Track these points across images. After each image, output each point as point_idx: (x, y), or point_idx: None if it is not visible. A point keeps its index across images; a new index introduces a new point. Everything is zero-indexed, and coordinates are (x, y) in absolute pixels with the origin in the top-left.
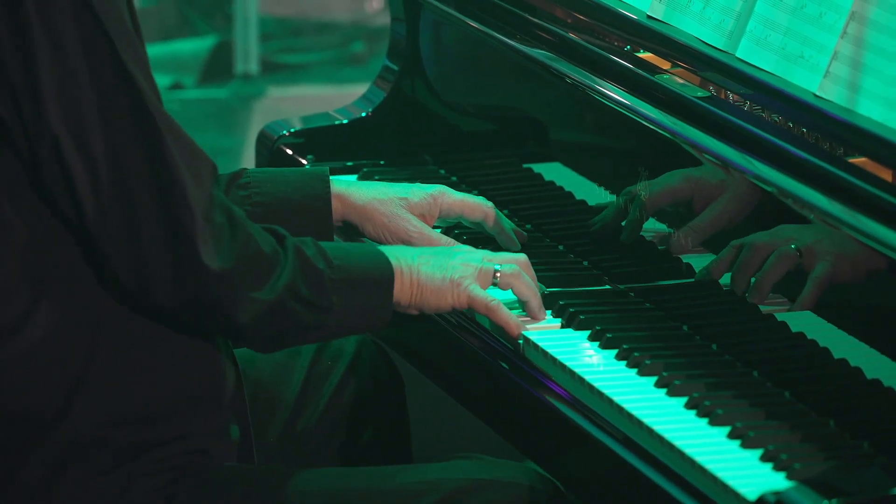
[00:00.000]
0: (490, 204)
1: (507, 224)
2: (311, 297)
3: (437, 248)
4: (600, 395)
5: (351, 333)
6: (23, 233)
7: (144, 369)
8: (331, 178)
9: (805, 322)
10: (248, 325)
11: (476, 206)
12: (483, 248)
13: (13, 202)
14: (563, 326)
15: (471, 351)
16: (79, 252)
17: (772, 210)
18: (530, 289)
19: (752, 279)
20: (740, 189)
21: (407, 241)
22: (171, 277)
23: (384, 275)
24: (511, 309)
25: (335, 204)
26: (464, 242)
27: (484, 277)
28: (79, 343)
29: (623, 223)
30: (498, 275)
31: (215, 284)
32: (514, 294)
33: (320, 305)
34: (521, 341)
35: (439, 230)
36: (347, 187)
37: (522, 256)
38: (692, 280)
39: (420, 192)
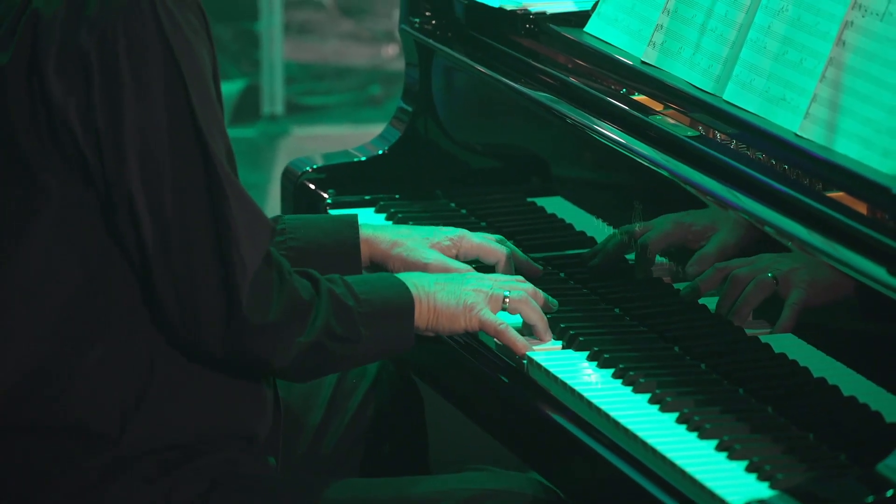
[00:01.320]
0: (505, 250)
1: (523, 257)
2: (343, 332)
3: (451, 275)
4: (598, 410)
5: (379, 359)
6: (76, 275)
7: (193, 402)
8: (364, 226)
9: (786, 343)
10: (286, 367)
11: (492, 250)
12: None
13: (73, 244)
14: (563, 348)
15: (480, 371)
16: (138, 295)
17: (755, 240)
18: (536, 313)
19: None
20: (728, 221)
21: (423, 269)
22: (221, 330)
23: (405, 304)
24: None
25: (363, 247)
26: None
27: (494, 302)
28: (134, 373)
29: (624, 255)
30: (507, 300)
31: (259, 337)
32: (522, 318)
33: (351, 338)
34: (524, 361)
35: None
36: (374, 231)
37: (529, 284)
38: (683, 304)
39: (442, 234)
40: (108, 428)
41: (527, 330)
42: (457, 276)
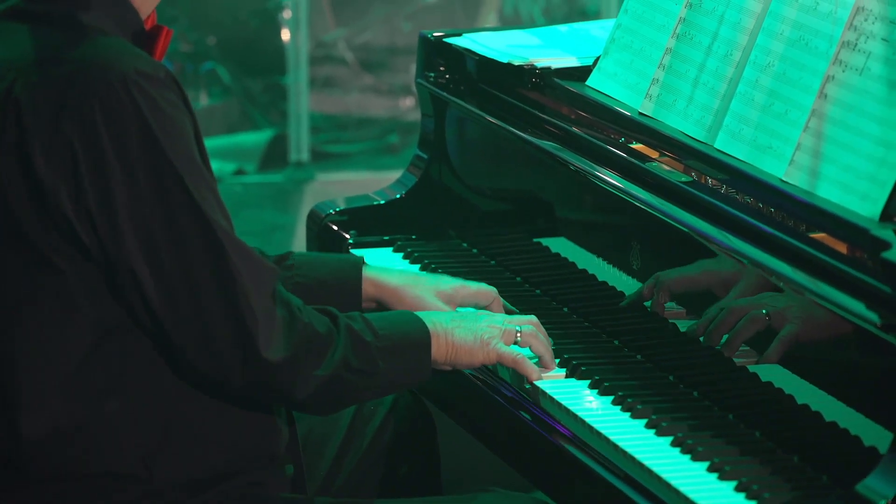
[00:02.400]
0: (494, 290)
1: (507, 306)
2: (360, 366)
3: (466, 314)
4: (599, 434)
5: (397, 391)
6: (90, 336)
7: (213, 435)
8: (368, 264)
9: (773, 373)
10: (306, 400)
11: (486, 293)
12: None
13: (85, 310)
14: (567, 376)
15: (489, 398)
16: (151, 348)
17: (754, 283)
18: (543, 345)
19: (726, 336)
20: (722, 262)
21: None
22: (240, 370)
23: (422, 339)
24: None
25: (369, 287)
26: None
27: (507, 336)
28: (154, 419)
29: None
30: (519, 335)
31: (276, 371)
32: (531, 350)
33: (369, 372)
34: (528, 387)
35: None
36: (384, 275)
37: (534, 318)
38: (678, 337)
39: (444, 284)
40: (134, 470)
41: (533, 360)
42: (470, 315)
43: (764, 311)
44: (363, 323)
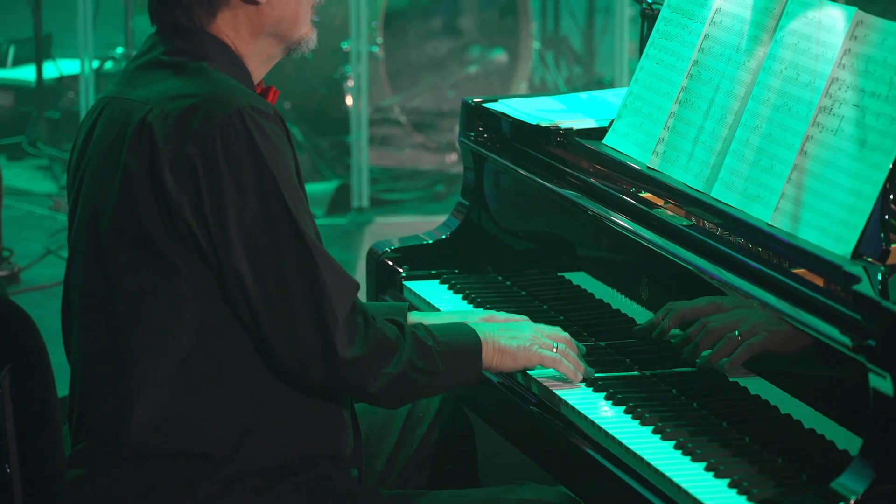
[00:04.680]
0: (521, 317)
1: None
2: (424, 366)
3: (510, 324)
4: (612, 438)
5: (453, 390)
6: (197, 331)
7: (291, 433)
8: (412, 311)
9: (760, 386)
10: (378, 393)
11: (515, 321)
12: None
13: (194, 308)
14: (586, 388)
15: (520, 406)
16: (247, 344)
17: (737, 306)
18: (574, 360)
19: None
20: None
21: None
22: (322, 366)
23: (474, 345)
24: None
25: None
26: None
27: (545, 346)
28: (245, 408)
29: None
30: (556, 349)
31: (352, 368)
32: (565, 359)
33: (431, 371)
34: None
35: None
36: (422, 316)
37: (566, 334)
38: (680, 358)
39: (476, 316)
40: (224, 451)
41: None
42: (514, 325)
43: (737, 333)
44: (425, 331)
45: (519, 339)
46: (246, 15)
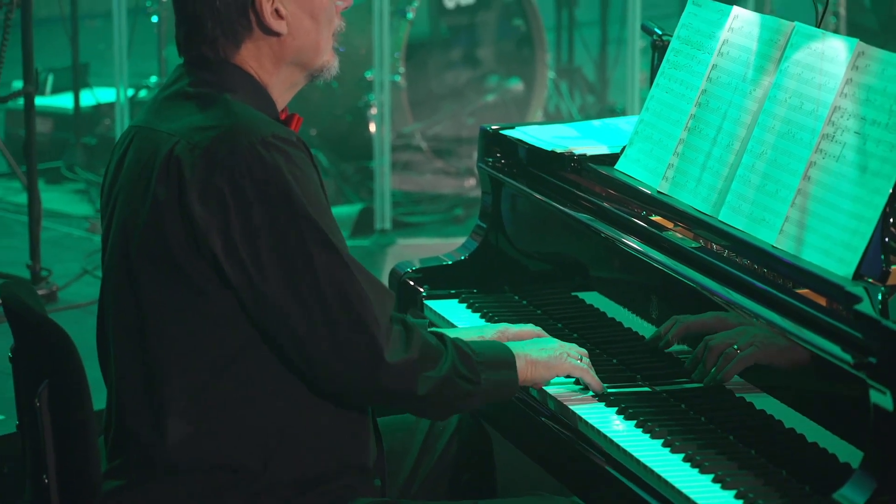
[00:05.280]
0: (533, 327)
1: None
2: (467, 373)
3: (533, 339)
4: (624, 451)
5: (492, 402)
6: (228, 350)
7: (317, 445)
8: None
9: (765, 402)
10: (425, 396)
11: (528, 332)
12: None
13: (223, 328)
14: (598, 403)
15: (536, 420)
16: (276, 362)
17: (743, 324)
18: (593, 378)
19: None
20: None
21: None
22: (372, 372)
23: (509, 360)
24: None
25: None
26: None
27: (573, 355)
28: (274, 424)
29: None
30: (582, 360)
31: (400, 372)
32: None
33: (473, 380)
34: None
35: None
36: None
37: (583, 350)
38: (689, 375)
39: (491, 330)
40: (253, 465)
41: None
42: (539, 339)
43: (735, 347)
44: (463, 342)
45: (548, 349)
46: (268, 46)
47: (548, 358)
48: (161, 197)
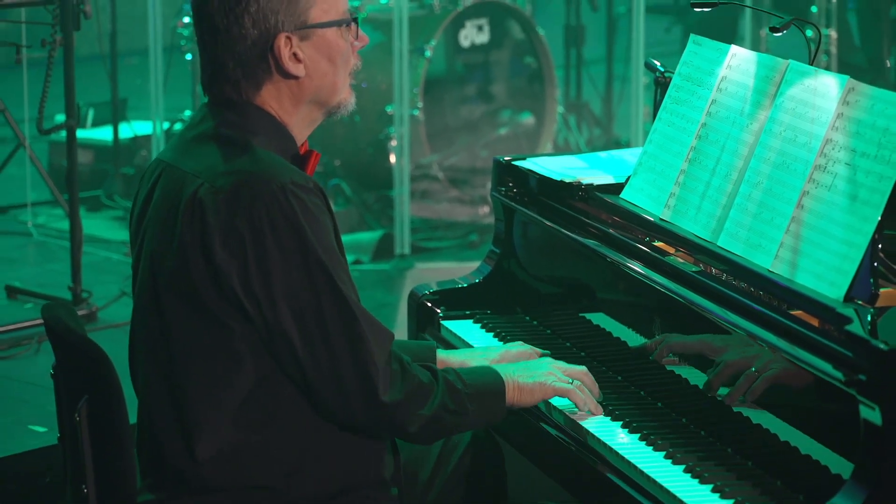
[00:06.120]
0: (530, 348)
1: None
2: (455, 407)
3: (528, 363)
4: (629, 463)
5: (481, 427)
6: (251, 379)
7: (337, 462)
8: (439, 349)
9: (761, 417)
10: (416, 433)
11: (526, 353)
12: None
13: (248, 360)
14: (604, 417)
15: (546, 433)
16: (296, 389)
17: (741, 344)
18: (586, 392)
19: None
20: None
21: None
22: (365, 410)
23: (499, 387)
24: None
25: (440, 365)
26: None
27: (561, 378)
28: (296, 445)
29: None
30: (571, 383)
31: (392, 411)
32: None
33: (461, 412)
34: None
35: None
36: (447, 354)
37: (584, 368)
38: (689, 389)
39: (493, 354)
40: (277, 483)
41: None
42: (533, 363)
43: (753, 369)
44: (454, 375)
45: (535, 375)
46: (288, 87)
47: (532, 384)
48: (186, 238)
